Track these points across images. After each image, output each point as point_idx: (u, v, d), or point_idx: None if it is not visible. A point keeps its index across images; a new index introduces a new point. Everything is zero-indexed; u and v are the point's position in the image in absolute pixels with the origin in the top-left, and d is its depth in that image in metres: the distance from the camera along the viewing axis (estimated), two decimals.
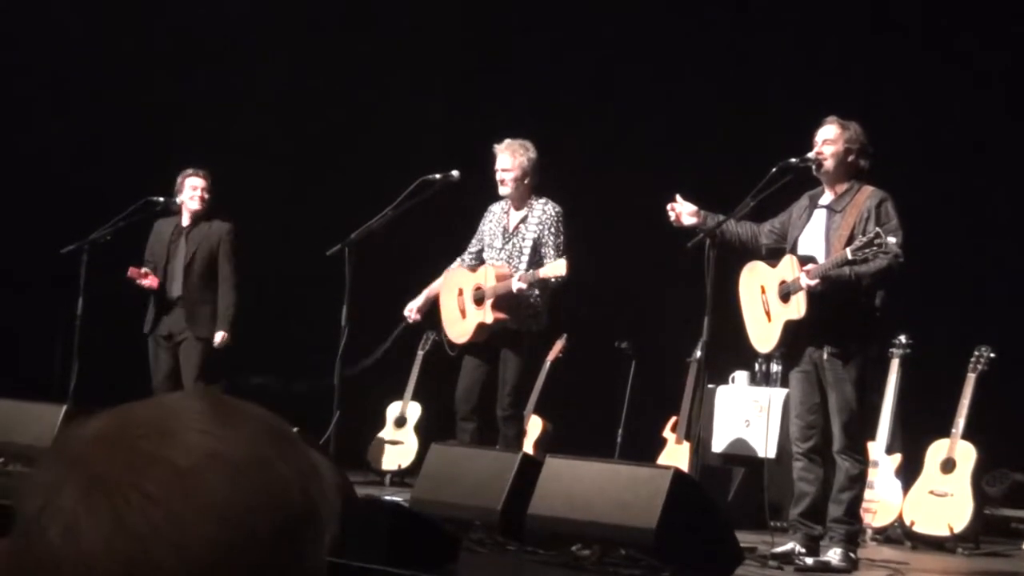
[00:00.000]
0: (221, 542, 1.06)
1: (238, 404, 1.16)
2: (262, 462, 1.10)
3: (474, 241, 9.07)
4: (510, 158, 8.76)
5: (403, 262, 9.55)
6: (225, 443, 1.10)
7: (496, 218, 8.95)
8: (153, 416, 1.13)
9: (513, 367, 8.68)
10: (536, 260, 8.63)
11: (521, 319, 8.66)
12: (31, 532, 1.09)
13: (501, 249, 8.83)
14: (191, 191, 9.84)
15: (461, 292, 8.87)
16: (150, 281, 9.74)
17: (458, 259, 9.09)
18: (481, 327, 8.70)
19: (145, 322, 9.90)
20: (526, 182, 8.77)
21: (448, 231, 9.60)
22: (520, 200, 8.82)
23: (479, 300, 8.72)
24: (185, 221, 9.89)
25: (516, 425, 8.70)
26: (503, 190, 8.81)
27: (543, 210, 8.74)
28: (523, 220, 8.80)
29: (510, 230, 8.83)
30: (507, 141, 8.84)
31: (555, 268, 8.39)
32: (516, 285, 8.48)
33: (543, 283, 8.52)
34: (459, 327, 8.86)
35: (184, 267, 9.82)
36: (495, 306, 8.63)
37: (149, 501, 1.06)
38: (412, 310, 9.11)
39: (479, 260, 8.98)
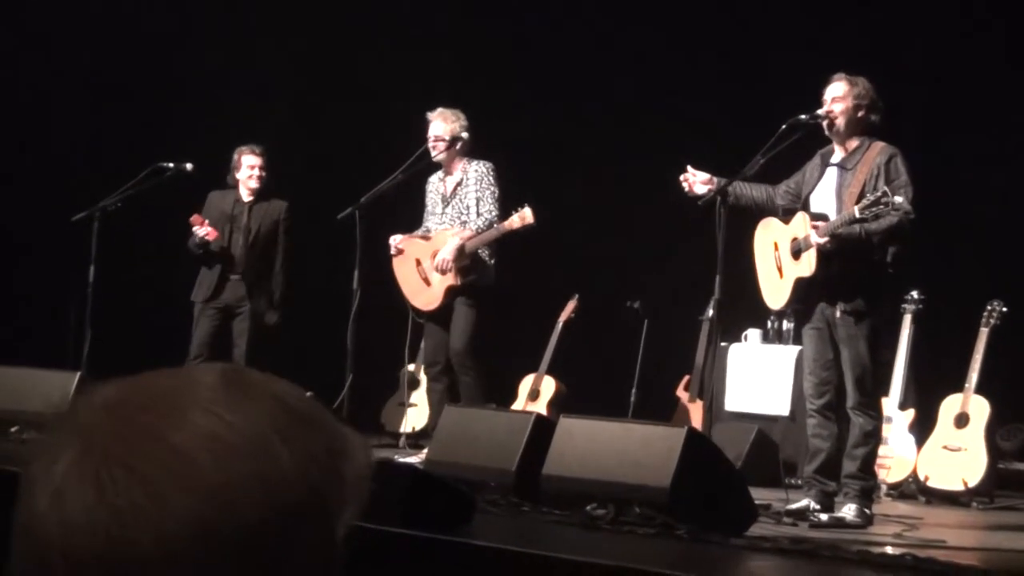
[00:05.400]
0: (202, 525, 1.04)
1: (258, 381, 1.13)
2: (262, 446, 1.08)
3: (426, 215, 9.36)
4: (442, 124, 9.09)
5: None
6: (228, 423, 1.07)
7: (434, 187, 9.26)
8: (164, 389, 1.11)
9: (463, 318, 8.95)
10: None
11: (474, 274, 8.98)
12: (24, 495, 1.08)
13: (443, 215, 9.15)
14: (248, 170, 9.99)
15: (419, 262, 9.04)
16: (208, 231, 9.80)
17: (420, 229, 9.27)
18: (451, 289, 8.94)
19: (196, 290, 9.99)
20: (457, 147, 9.07)
21: None
22: (452, 165, 9.12)
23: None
24: (245, 196, 10.00)
25: (472, 371, 8.94)
26: (435, 155, 9.07)
27: (476, 169, 9.06)
28: (459, 183, 9.11)
29: (448, 195, 9.12)
30: (439, 109, 9.16)
31: (522, 217, 8.83)
32: (493, 232, 8.87)
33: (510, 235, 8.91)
34: (426, 296, 9.09)
35: (248, 243, 9.93)
36: (460, 267, 8.92)
37: (133, 476, 1.05)
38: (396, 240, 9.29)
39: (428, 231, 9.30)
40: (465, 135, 9.05)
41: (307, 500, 1.09)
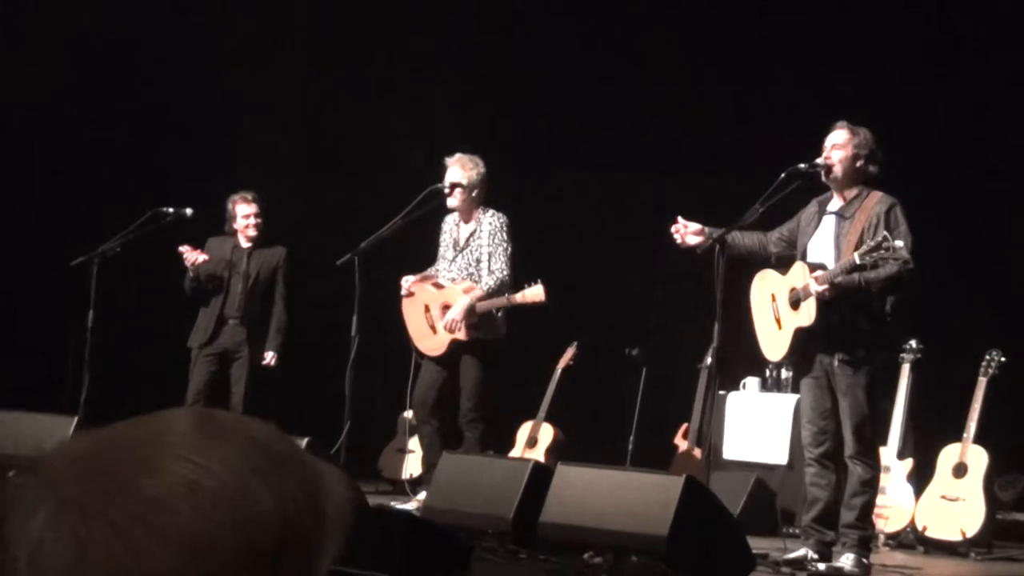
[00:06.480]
0: (183, 574, 1.03)
1: (230, 422, 1.12)
2: (240, 488, 1.06)
3: (439, 255, 9.32)
4: (460, 171, 8.98)
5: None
6: (203, 468, 1.06)
7: (448, 230, 9.19)
8: (135, 437, 1.10)
9: (472, 374, 8.89)
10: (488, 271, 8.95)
11: (483, 329, 8.90)
12: (4, 554, 1.07)
13: (452, 262, 9.09)
14: (244, 220, 10.02)
15: (428, 308, 9.01)
16: (196, 255, 9.78)
17: (432, 268, 9.20)
18: (455, 343, 8.89)
19: (192, 335, 10.00)
20: (474, 195, 8.99)
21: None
22: (468, 213, 9.05)
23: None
24: (244, 243, 10.04)
25: (478, 428, 8.88)
26: (451, 202, 9.01)
27: (490, 222, 8.98)
28: (472, 233, 9.04)
29: (460, 243, 9.07)
30: (457, 155, 9.07)
31: (534, 294, 8.76)
32: (502, 300, 8.78)
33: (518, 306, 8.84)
34: (430, 342, 9.05)
35: (248, 288, 9.96)
36: (469, 324, 8.84)
37: (112, 530, 1.04)
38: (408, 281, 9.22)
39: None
40: (480, 183, 8.95)
41: (288, 539, 1.08)
